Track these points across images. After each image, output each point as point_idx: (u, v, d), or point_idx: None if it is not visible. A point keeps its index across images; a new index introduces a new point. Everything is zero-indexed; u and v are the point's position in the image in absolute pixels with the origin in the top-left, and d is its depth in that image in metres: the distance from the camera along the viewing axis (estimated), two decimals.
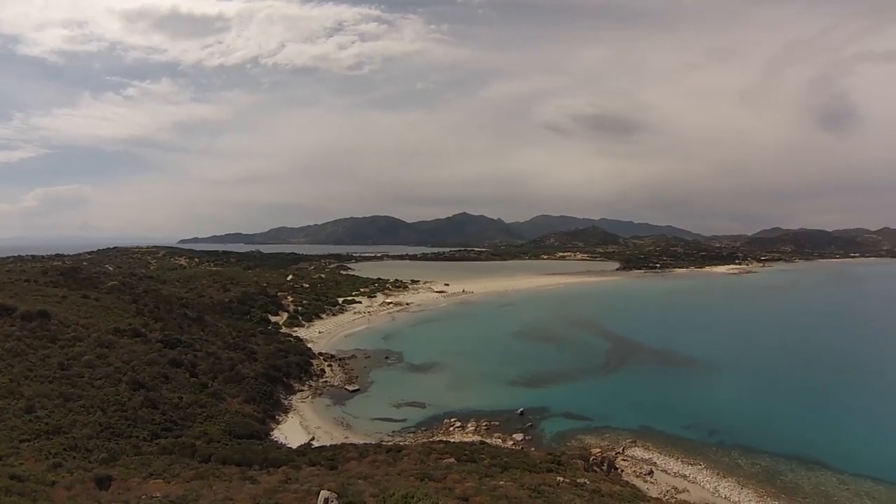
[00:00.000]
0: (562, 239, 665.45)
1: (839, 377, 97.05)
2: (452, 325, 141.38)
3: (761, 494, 52.38)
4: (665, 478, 55.76)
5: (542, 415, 72.18)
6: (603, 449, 60.74)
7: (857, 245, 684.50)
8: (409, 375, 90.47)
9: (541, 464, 50.10)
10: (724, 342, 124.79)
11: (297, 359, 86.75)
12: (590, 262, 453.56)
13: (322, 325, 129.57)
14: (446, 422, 67.49)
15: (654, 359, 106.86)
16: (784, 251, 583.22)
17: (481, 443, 58.53)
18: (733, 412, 74.74)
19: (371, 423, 66.47)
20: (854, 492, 53.24)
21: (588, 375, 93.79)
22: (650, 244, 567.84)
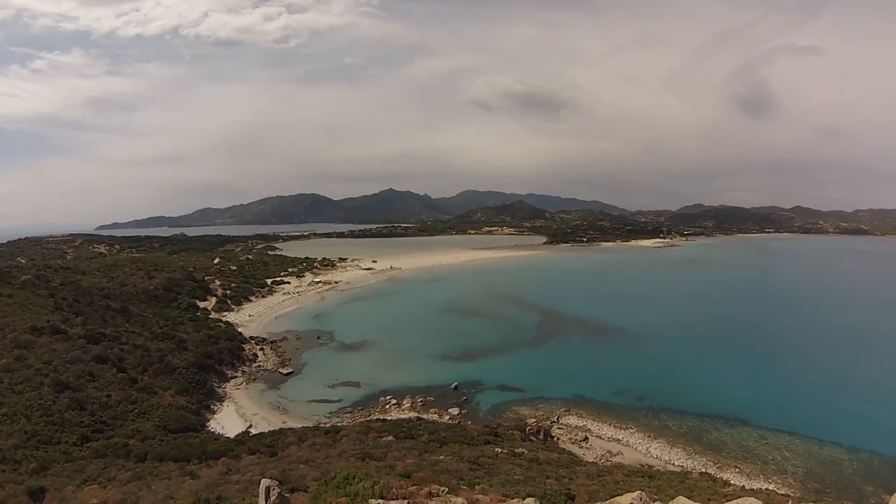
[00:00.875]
0: (489, 214, 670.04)
1: (757, 343, 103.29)
2: (382, 303, 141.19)
3: (689, 452, 55.96)
4: (600, 443, 58.30)
5: (475, 388, 73.51)
6: (538, 419, 62.59)
7: (772, 221, 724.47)
8: (341, 355, 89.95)
9: (478, 436, 51.12)
10: (650, 313, 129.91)
11: (229, 345, 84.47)
12: (517, 236, 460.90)
13: (252, 308, 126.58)
14: (382, 400, 67.87)
15: (583, 330, 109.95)
16: (705, 226, 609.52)
17: (418, 419, 59.31)
18: (660, 378, 78.33)
19: (308, 406, 65.88)
20: (773, 445, 57.67)
21: (519, 348, 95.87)
22: (577, 219, 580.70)
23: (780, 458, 55.26)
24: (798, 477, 51.90)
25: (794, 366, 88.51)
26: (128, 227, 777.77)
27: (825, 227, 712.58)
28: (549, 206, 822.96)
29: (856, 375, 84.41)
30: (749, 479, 50.90)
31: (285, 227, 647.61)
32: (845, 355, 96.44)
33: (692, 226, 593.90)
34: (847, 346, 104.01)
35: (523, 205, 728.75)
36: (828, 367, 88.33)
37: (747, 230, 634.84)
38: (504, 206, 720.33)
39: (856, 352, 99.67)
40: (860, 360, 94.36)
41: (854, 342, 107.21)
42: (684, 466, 52.99)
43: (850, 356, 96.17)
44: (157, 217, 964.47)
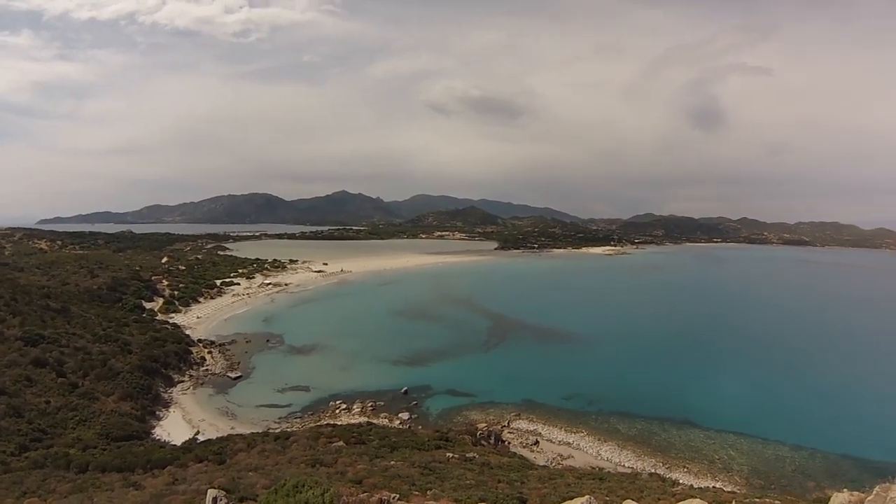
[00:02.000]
0: (441, 218, 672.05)
1: (703, 347, 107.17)
2: (332, 306, 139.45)
3: (639, 454, 57.33)
4: (550, 446, 58.82)
5: (426, 393, 73.41)
6: (489, 423, 62.80)
7: (720, 231, 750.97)
8: (291, 358, 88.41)
9: (429, 441, 50.85)
10: (600, 319, 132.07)
11: (176, 347, 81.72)
12: (468, 241, 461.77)
13: (200, 309, 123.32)
14: (332, 404, 67.00)
15: (534, 335, 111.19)
16: (655, 235, 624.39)
17: (368, 424, 58.66)
18: (610, 382, 79.87)
19: (257, 411, 64.41)
20: (719, 445, 59.90)
21: (469, 353, 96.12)
22: (529, 225, 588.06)
23: (726, 457, 57.24)
24: (743, 474, 53.79)
25: (739, 368, 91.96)
26: (71, 222, 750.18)
27: (769, 237, 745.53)
28: (502, 211, 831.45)
29: (797, 376, 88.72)
30: (697, 478, 52.42)
31: (236, 226, 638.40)
32: (787, 357, 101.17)
33: (642, 234, 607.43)
34: (788, 348, 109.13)
35: (475, 210, 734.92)
36: (771, 368, 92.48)
37: (696, 239, 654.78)
38: (456, 211, 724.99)
39: (796, 353, 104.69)
40: (801, 361, 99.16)
41: (794, 344, 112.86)
42: (634, 468, 54.13)
43: (792, 358, 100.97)
44: (104, 212, 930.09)
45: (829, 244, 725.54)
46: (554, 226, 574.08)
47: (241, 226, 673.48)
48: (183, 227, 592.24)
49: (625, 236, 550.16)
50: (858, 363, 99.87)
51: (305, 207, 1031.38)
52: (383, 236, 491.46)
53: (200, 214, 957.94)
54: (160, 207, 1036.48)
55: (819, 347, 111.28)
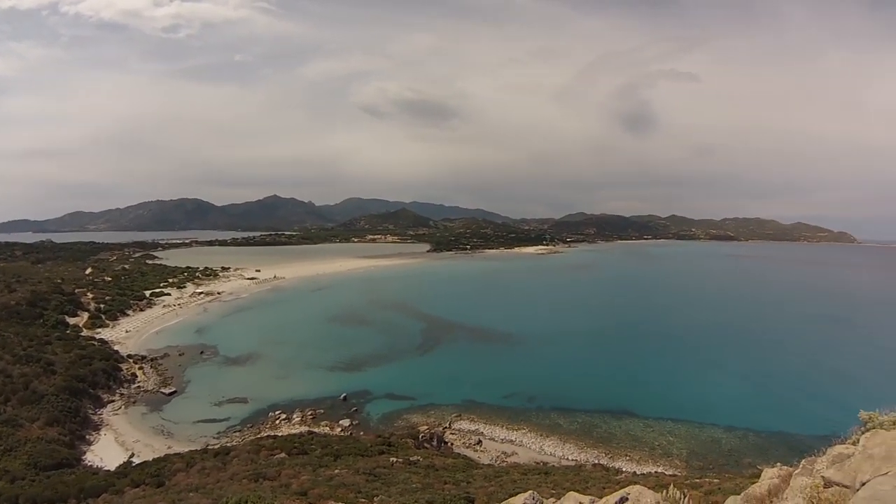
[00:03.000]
0: (373, 222, 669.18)
1: (637, 339, 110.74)
2: (267, 313, 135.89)
3: (581, 446, 58.71)
4: (494, 445, 59.25)
5: (365, 398, 72.54)
6: (430, 425, 62.78)
7: (650, 229, 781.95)
8: (227, 370, 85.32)
9: (372, 447, 50.40)
10: (535, 317, 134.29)
11: (104, 365, 76.78)
12: (401, 244, 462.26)
13: (129, 322, 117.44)
14: (271, 415, 65.22)
15: (470, 336, 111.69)
16: (588, 234, 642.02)
17: (309, 433, 57.44)
18: (548, 379, 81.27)
19: (194, 427, 61.73)
20: (658, 432, 62.24)
21: (406, 356, 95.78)
22: (461, 226, 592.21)
23: (666, 443, 59.58)
24: (683, 458, 56.25)
25: (672, 359, 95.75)
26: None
27: (697, 233, 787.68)
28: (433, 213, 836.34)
29: (726, 363, 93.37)
30: (639, 465, 54.24)
31: (166, 233, 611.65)
32: (716, 346, 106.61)
33: (575, 233, 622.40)
34: (717, 337, 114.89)
35: (407, 213, 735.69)
36: (701, 357, 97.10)
37: (627, 237, 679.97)
38: (388, 214, 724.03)
39: (725, 342, 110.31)
40: (729, 349, 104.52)
41: (722, 333, 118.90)
42: (578, 460, 55.37)
43: (721, 346, 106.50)
44: (21, 220, 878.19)
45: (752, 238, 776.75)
46: (486, 226, 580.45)
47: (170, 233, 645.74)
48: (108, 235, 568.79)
49: (557, 235, 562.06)
50: (782, 348, 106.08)
51: (237, 213, 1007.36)
52: (316, 241, 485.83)
53: (127, 222, 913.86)
54: (83, 214, 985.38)
55: (745, 335, 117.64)
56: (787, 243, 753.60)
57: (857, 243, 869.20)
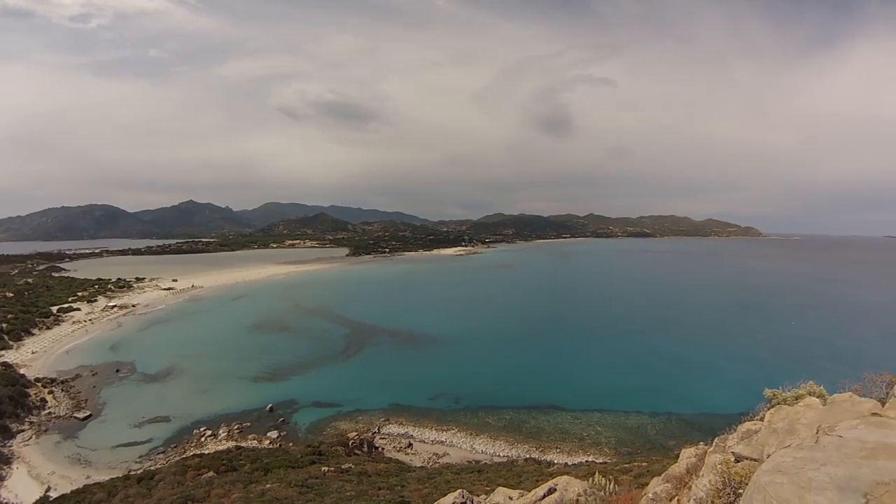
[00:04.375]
0: (291, 227, 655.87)
1: (559, 335, 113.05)
2: (185, 325, 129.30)
3: (512, 442, 59.61)
4: (424, 447, 59.13)
5: (292, 408, 70.79)
6: (359, 431, 61.91)
7: (569, 228, 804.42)
8: (146, 388, 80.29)
9: (303, 458, 49.16)
10: (456, 318, 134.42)
11: (9, 391, 69.79)
12: (320, 249, 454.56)
13: (35, 342, 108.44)
14: (196, 432, 62.14)
15: (393, 339, 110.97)
16: (506, 234, 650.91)
17: (237, 448, 55.25)
18: (474, 378, 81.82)
19: (114, 453, 57.44)
20: (586, 423, 64.33)
21: (331, 362, 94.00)
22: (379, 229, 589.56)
23: (594, 433, 61.60)
24: (612, 445, 58.47)
25: (595, 351, 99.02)
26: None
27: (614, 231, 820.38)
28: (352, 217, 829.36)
29: (647, 352, 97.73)
30: (570, 456, 55.75)
31: (73, 243, 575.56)
32: (636, 337, 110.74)
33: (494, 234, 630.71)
34: (636, 329, 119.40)
35: (326, 217, 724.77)
36: (623, 349, 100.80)
37: (546, 236, 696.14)
38: (307, 219, 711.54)
39: (644, 332, 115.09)
40: (648, 338, 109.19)
41: (641, 325, 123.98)
42: (510, 456, 56.21)
43: (640, 337, 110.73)
44: None
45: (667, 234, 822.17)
46: (404, 229, 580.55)
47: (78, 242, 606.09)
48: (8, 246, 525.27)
49: (476, 237, 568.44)
50: (696, 336, 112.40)
51: (151, 219, 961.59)
52: (234, 248, 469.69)
53: (29, 230, 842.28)
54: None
55: (663, 326, 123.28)
56: (699, 238, 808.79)
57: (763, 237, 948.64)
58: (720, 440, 9.93)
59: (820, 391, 10.39)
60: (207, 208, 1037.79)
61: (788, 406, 9.31)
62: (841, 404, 8.52)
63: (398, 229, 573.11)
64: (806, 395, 10.19)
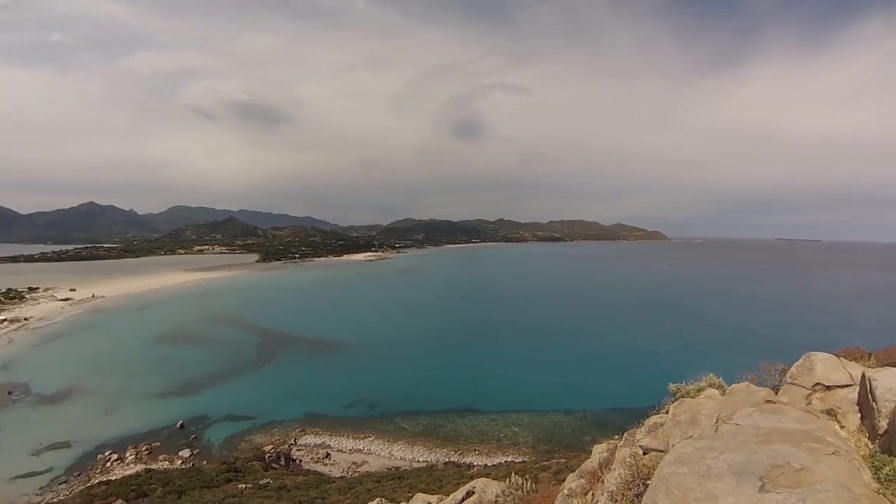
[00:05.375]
0: (200, 231, 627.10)
1: (472, 339, 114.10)
2: (86, 339, 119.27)
3: (430, 447, 59.49)
4: (343, 456, 57.96)
5: (204, 423, 67.37)
6: (275, 444, 60.00)
7: (479, 233, 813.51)
8: (43, 410, 73.12)
9: (218, 476, 47.14)
10: (369, 324, 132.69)
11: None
12: (229, 255, 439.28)
13: None
14: (101, 457, 57.41)
15: (305, 347, 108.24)
16: (416, 239, 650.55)
17: (147, 471, 51.81)
18: (387, 385, 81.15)
19: (10, 486, 51.36)
20: (503, 424, 65.23)
21: (242, 373, 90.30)
22: (289, 235, 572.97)
23: (511, 434, 62.52)
24: (530, 444, 59.54)
25: (508, 353, 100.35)
26: None
27: (525, 235, 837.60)
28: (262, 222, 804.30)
29: (559, 352, 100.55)
30: (489, 457, 56.26)
31: None
32: (548, 337, 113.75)
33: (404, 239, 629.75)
34: (548, 328, 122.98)
35: (235, 222, 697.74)
36: (536, 348, 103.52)
37: (455, 241, 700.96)
38: (216, 224, 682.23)
39: (556, 332, 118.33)
40: (560, 338, 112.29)
41: (554, 324, 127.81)
42: (429, 460, 56.09)
43: (552, 337, 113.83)
44: None
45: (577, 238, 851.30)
46: (314, 234, 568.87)
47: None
48: None
49: (386, 242, 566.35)
50: (607, 334, 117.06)
51: (46, 223, 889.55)
52: (139, 254, 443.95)
53: None
54: None
55: (574, 326, 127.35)
56: (608, 242, 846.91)
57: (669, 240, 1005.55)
58: (629, 434, 10.27)
59: (719, 383, 10.83)
60: (110, 211, 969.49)
61: (691, 398, 9.78)
62: (738, 394, 9.22)
63: (308, 235, 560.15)
64: (707, 387, 10.63)
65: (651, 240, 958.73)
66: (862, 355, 9.88)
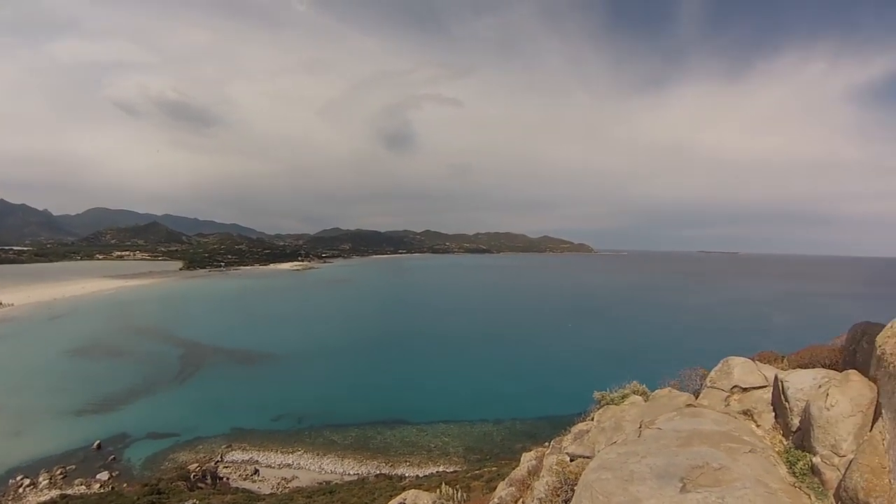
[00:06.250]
0: (121, 236, 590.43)
1: (400, 350, 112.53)
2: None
3: (361, 459, 58.25)
4: (272, 472, 55.85)
5: (123, 442, 63.13)
6: (200, 462, 57.14)
7: (405, 243, 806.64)
8: None
9: (139, 499, 44.54)
10: (295, 335, 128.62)
11: None
12: (152, 261, 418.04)
13: None
14: (11, 483, 52.53)
15: (231, 359, 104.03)
16: (343, 249, 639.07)
17: (63, 497, 48.04)
18: (315, 397, 79.01)
19: None
20: (433, 434, 64.74)
21: (164, 387, 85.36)
22: (215, 242, 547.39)
23: (442, 444, 62.12)
24: (460, 454, 59.25)
25: (436, 364, 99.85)
26: None
27: (452, 247, 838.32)
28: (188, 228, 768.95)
29: (486, 361, 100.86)
30: (420, 468, 55.66)
31: None
32: (475, 347, 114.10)
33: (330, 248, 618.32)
34: (475, 338, 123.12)
35: (159, 227, 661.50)
36: (464, 358, 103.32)
37: (382, 252, 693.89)
38: (138, 228, 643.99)
39: (483, 342, 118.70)
40: (487, 348, 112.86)
41: (480, 335, 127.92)
42: (360, 473, 54.98)
43: (479, 347, 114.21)
44: None
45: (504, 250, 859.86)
46: (241, 242, 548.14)
47: None
48: None
49: (313, 251, 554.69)
50: (533, 343, 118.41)
51: None
52: (53, 258, 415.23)
53: None
54: None
55: (500, 335, 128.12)
56: (535, 254, 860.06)
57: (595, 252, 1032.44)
58: (556, 442, 10.47)
59: (643, 389, 11.18)
60: (22, 210, 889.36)
61: (615, 405, 10.11)
62: (661, 399, 9.55)
63: (235, 242, 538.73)
64: (631, 394, 10.95)
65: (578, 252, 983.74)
66: (776, 358, 10.35)
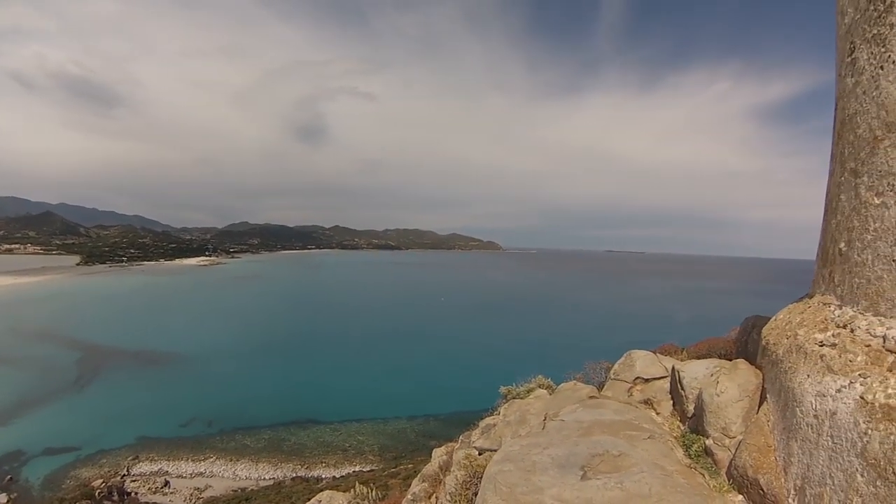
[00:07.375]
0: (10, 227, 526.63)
1: (310, 348, 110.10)
2: None
3: (275, 463, 56.64)
4: (183, 483, 53.04)
5: (19, 460, 57.79)
6: (105, 477, 53.44)
7: (314, 239, 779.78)
8: None
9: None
10: (201, 334, 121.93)
11: None
12: (45, 256, 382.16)
13: None
14: None
15: (134, 361, 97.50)
16: (251, 244, 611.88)
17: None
18: (224, 400, 75.66)
19: None
20: (346, 434, 64.03)
21: (60, 396, 78.35)
22: (116, 235, 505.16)
23: (356, 443, 61.54)
24: (376, 452, 58.93)
25: (346, 362, 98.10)
26: None
27: (360, 243, 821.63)
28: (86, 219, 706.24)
29: (396, 359, 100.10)
30: (336, 469, 54.91)
31: None
32: (385, 345, 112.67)
33: (238, 243, 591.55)
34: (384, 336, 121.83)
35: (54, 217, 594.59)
36: (373, 357, 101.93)
37: (291, 247, 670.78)
38: (30, 218, 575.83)
39: (391, 340, 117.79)
40: (396, 346, 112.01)
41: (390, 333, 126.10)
42: (276, 477, 53.60)
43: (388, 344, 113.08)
44: None
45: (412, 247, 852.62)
46: (144, 236, 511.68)
47: None
48: None
49: (220, 246, 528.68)
50: (442, 340, 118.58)
51: None
52: None
53: None
54: None
55: (409, 333, 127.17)
56: (443, 251, 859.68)
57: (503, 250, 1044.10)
58: (464, 436, 10.67)
59: (548, 383, 11.31)
60: None
61: (521, 399, 10.29)
62: (565, 392, 9.75)
63: (138, 236, 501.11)
64: (536, 388, 11.06)
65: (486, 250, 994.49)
66: (676, 350, 10.72)
